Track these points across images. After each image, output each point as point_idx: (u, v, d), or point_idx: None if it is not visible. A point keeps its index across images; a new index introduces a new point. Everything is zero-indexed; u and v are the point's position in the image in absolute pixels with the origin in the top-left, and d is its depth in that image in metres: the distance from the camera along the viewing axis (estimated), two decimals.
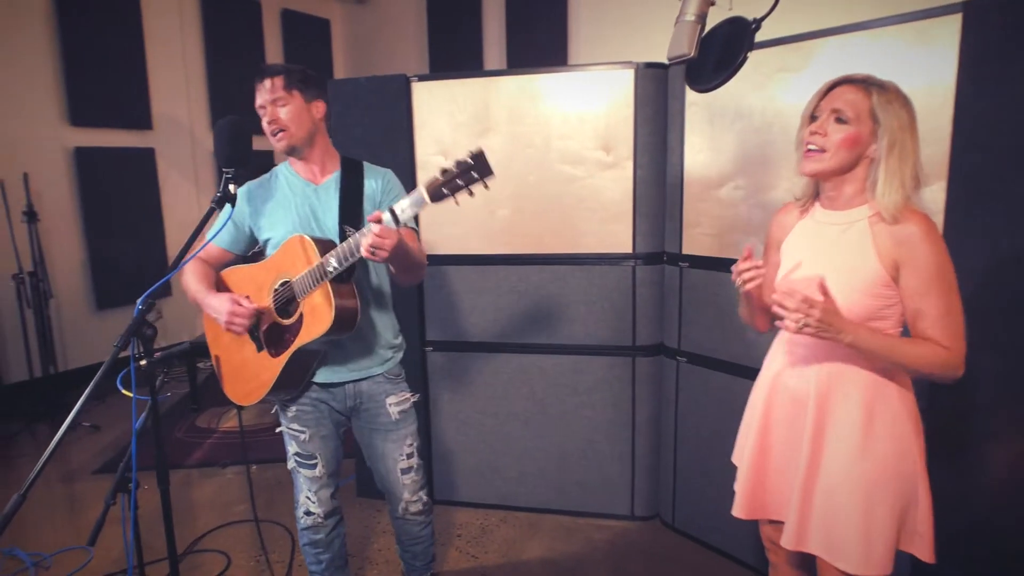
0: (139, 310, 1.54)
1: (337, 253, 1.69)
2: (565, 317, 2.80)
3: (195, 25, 5.31)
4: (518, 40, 5.27)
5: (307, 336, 1.78)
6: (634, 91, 2.61)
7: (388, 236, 1.61)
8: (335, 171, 1.95)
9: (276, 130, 1.83)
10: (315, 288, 1.75)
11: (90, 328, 4.79)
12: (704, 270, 2.57)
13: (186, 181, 5.32)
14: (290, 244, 1.81)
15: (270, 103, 1.82)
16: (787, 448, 1.58)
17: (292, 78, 1.83)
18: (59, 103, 4.55)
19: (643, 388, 2.80)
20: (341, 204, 1.90)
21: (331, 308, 1.72)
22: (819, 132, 1.43)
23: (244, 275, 1.93)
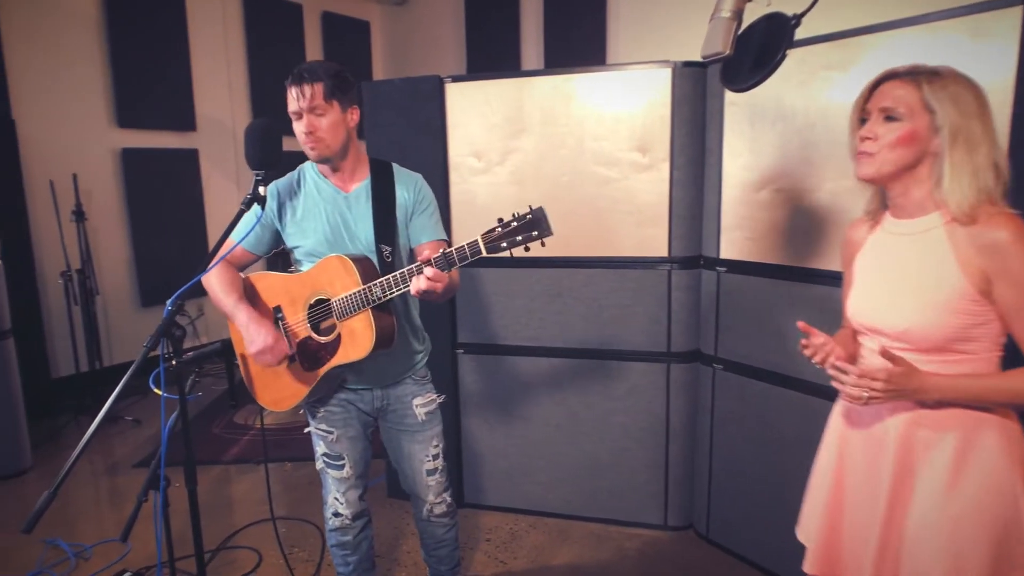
0: (168, 311, 1.55)
1: (383, 285, 1.69)
2: (598, 321, 2.75)
3: (238, 29, 5.41)
4: (556, 40, 5.22)
5: (343, 358, 1.79)
6: (671, 91, 2.54)
7: (440, 280, 1.61)
8: (365, 178, 1.92)
9: (312, 140, 1.79)
10: (356, 313, 1.75)
11: (134, 325, 4.92)
12: (743, 275, 2.49)
13: (228, 181, 5.42)
14: (330, 264, 1.79)
15: (307, 111, 1.77)
16: (864, 496, 1.40)
17: (332, 87, 1.76)
18: (107, 106, 4.68)
19: (678, 395, 2.73)
20: (376, 219, 1.87)
21: (372, 335, 1.73)
22: (869, 136, 1.29)
23: (277, 284, 1.91)
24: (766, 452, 2.49)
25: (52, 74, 4.38)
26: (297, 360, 1.86)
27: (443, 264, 1.61)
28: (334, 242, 1.87)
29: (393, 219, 1.91)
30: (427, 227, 1.97)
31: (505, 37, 5.48)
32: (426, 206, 1.97)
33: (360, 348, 1.76)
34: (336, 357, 1.80)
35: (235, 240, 1.84)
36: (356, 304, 1.74)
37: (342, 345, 1.79)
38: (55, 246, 4.29)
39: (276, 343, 1.78)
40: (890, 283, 1.34)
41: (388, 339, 1.79)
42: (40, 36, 4.31)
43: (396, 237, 1.91)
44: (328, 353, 1.81)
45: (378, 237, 1.86)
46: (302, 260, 1.92)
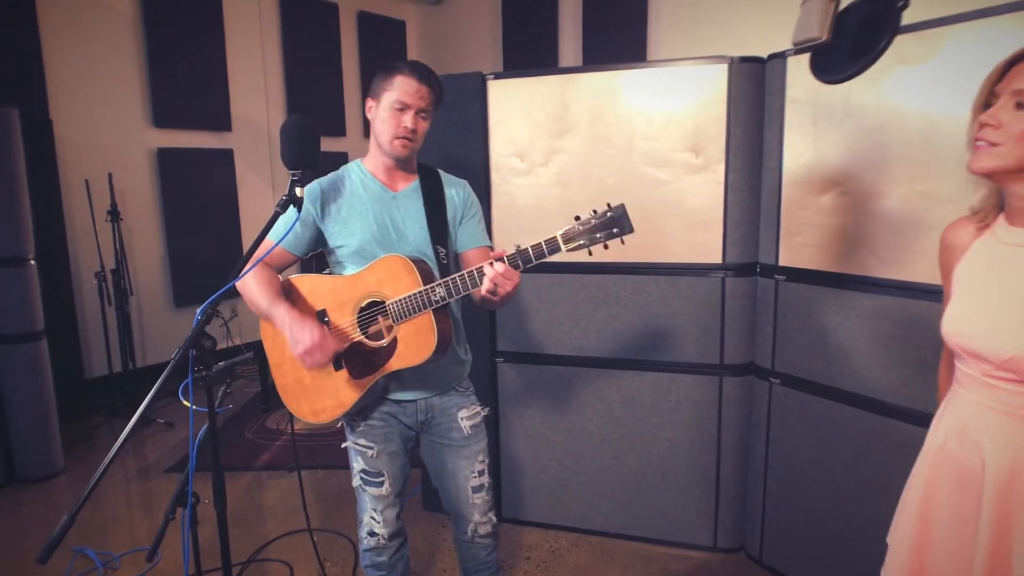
0: (198, 320, 1.46)
1: (448, 286, 1.61)
2: (646, 331, 2.61)
3: (274, 28, 5.37)
4: (595, 37, 5.08)
5: (402, 363, 1.69)
6: (727, 88, 2.39)
7: (513, 279, 1.54)
8: (413, 179, 1.86)
9: (408, 137, 1.73)
10: (416, 315, 1.65)
11: (168, 325, 4.90)
12: (804, 284, 2.33)
13: (263, 182, 5.39)
14: (387, 264, 1.70)
15: (415, 111, 1.72)
16: (952, 534, 1.24)
17: (439, 97, 1.77)
18: (143, 105, 4.67)
19: (731, 410, 2.57)
20: (429, 219, 1.80)
21: (434, 338, 1.64)
22: (991, 123, 1.10)
23: (322, 287, 1.81)
24: (826, 473, 2.33)
25: (89, 74, 4.38)
26: (345, 367, 1.76)
27: (517, 261, 1.54)
28: (382, 242, 1.78)
29: (445, 221, 1.84)
30: (475, 233, 1.90)
31: (543, 36, 5.36)
32: (475, 211, 1.92)
33: (421, 351, 1.67)
34: (393, 361, 1.70)
35: (273, 240, 1.75)
36: (417, 305, 1.64)
37: (399, 350, 1.69)
38: (90, 246, 4.28)
39: (324, 339, 1.66)
40: (998, 301, 1.16)
41: (447, 343, 1.70)
42: (78, 36, 4.31)
43: (449, 240, 1.83)
44: (382, 358, 1.72)
45: (433, 237, 1.79)
46: (345, 261, 1.82)
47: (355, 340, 1.74)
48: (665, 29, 4.74)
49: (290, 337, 1.67)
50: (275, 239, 1.75)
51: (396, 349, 1.70)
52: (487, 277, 1.54)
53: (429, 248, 1.80)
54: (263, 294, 1.74)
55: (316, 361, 1.67)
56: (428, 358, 1.67)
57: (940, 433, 1.29)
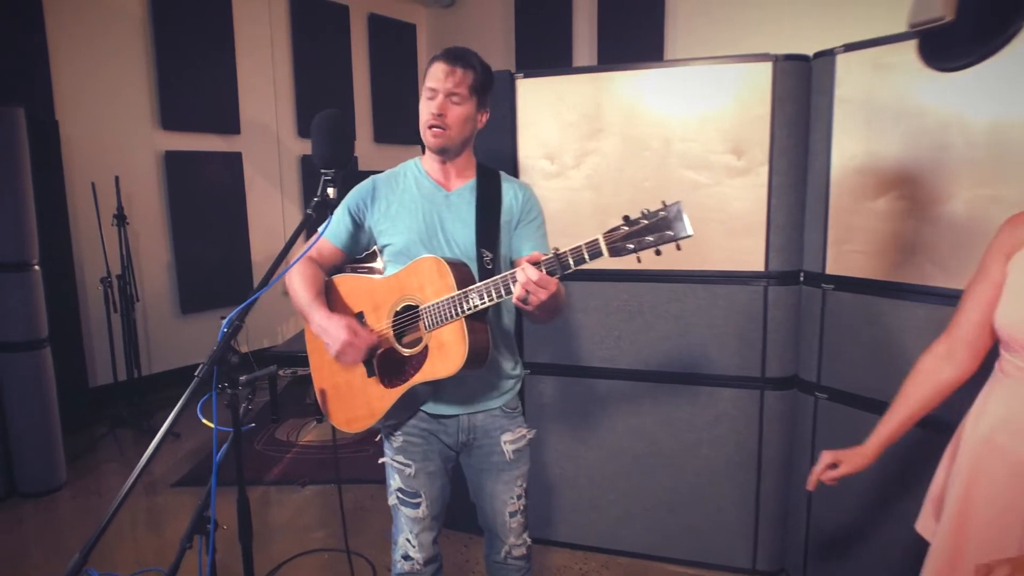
0: (225, 332, 1.33)
1: (481, 291, 1.47)
2: (683, 342, 2.48)
3: (284, 30, 5.27)
4: (610, 38, 4.98)
5: (430, 374, 1.56)
6: (771, 87, 2.28)
7: (547, 287, 1.38)
8: (471, 179, 1.73)
9: (437, 124, 1.60)
10: (447, 323, 1.53)
11: (174, 333, 4.77)
12: (855, 293, 2.20)
13: (271, 186, 5.27)
14: (422, 265, 1.58)
15: (445, 93, 1.58)
16: (995, 536, 1.21)
17: (481, 81, 1.61)
18: (151, 107, 4.56)
19: (772, 426, 2.44)
20: (478, 220, 1.67)
21: (464, 350, 1.51)
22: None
23: (360, 288, 1.71)
24: (876, 492, 2.20)
25: (96, 75, 4.27)
26: (377, 373, 1.64)
27: (555, 266, 1.38)
28: (428, 242, 1.66)
29: (496, 223, 1.70)
30: (533, 238, 1.75)
31: (556, 39, 5.26)
32: (535, 216, 1.77)
33: (449, 364, 1.53)
34: (421, 373, 1.58)
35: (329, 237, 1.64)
36: (448, 312, 1.52)
37: (429, 359, 1.57)
38: (95, 251, 4.15)
39: (356, 336, 1.56)
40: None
41: (482, 356, 1.56)
42: (85, 36, 4.20)
43: (498, 244, 1.69)
44: (412, 368, 1.59)
45: (479, 240, 1.65)
46: (390, 261, 1.71)
47: (389, 345, 1.62)
48: (682, 29, 4.65)
49: (324, 337, 1.59)
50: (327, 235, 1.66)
51: (426, 359, 1.58)
52: (518, 283, 1.39)
53: (474, 252, 1.67)
54: (306, 291, 1.65)
55: (351, 359, 1.58)
56: (456, 372, 1.53)
57: (984, 426, 1.26)
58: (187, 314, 4.82)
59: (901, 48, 2.03)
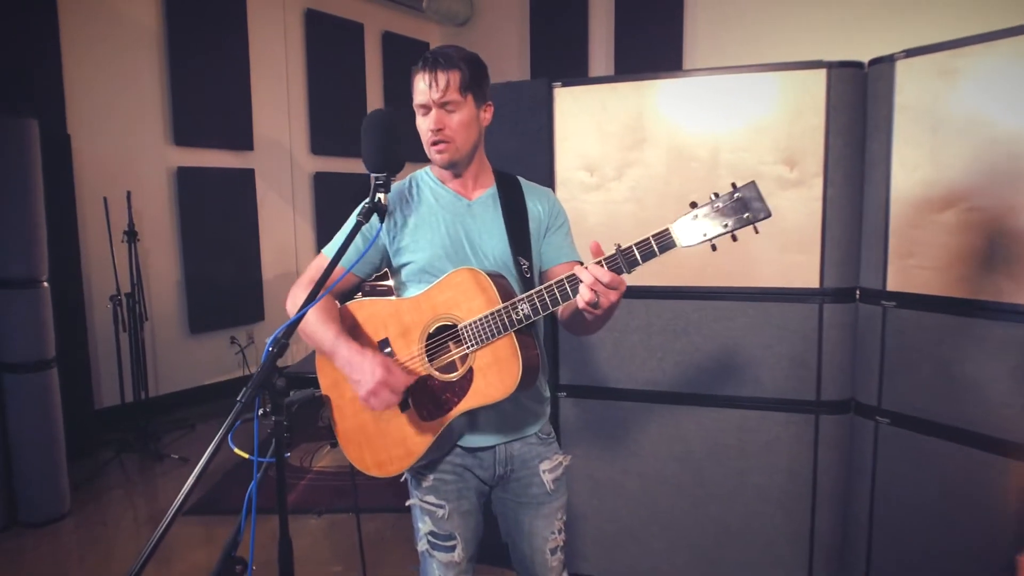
0: (269, 352, 1.20)
1: (532, 299, 1.34)
2: (732, 363, 2.35)
3: (298, 47, 5.21)
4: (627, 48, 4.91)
5: (480, 399, 1.41)
6: (826, 95, 2.17)
7: (618, 287, 1.25)
8: (490, 185, 1.61)
9: (439, 140, 1.47)
10: (494, 340, 1.39)
11: (183, 353, 4.63)
12: (920, 311, 2.07)
13: (284, 203, 5.17)
14: (457, 279, 1.44)
15: (437, 105, 1.45)
16: None
17: (470, 77, 1.46)
18: (164, 123, 4.47)
19: (829, 452, 2.29)
20: (509, 229, 1.54)
21: (518, 367, 1.37)
22: None
23: (382, 312, 1.54)
24: (949, 526, 2.04)
25: (109, 89, 4.18)
26: (412, 407, 1.49)
27: (619, 263, 1.26)
28: (454, 256, 1.52)
29: (527, 231, 1.58)
30: (563, 246, 1.64)
31: (571, 54, 5.20)
32: (562, 222, 1.66)
33: (503, 384, 1.39)
34: (468, 398, 1.43)
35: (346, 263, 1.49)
36: (495, 327, 1.38)
37: (475, 382, 1.42)
38: (105, 268, 4.03)
39: (389, 375, 1.38)
40: None
41: (534, 374, 1.43)
42: (99, 50, 4.12)
43: (530, 250, 1.56)
44: (454, 395, 1.44)
45: (514, 248, 1.52)
46: (410, 281, 1.56)
47: (423, 374, 1.48)
48: (702, 37, 4.59)
49: (352, 376, 1.41)
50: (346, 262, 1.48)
51: (472, 383, 1.43)
52: (584, 284, 1.26)
53: (510, 260, 1.54)
54: (326, 327, 1.46)
55: (384, 402, 1.39)
56: (512, 392, 1.39)
57: None
58: (196, 334, 4.69)
59: (969, 52, 1.93)
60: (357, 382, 1.40)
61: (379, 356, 1.42)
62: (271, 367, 1.18)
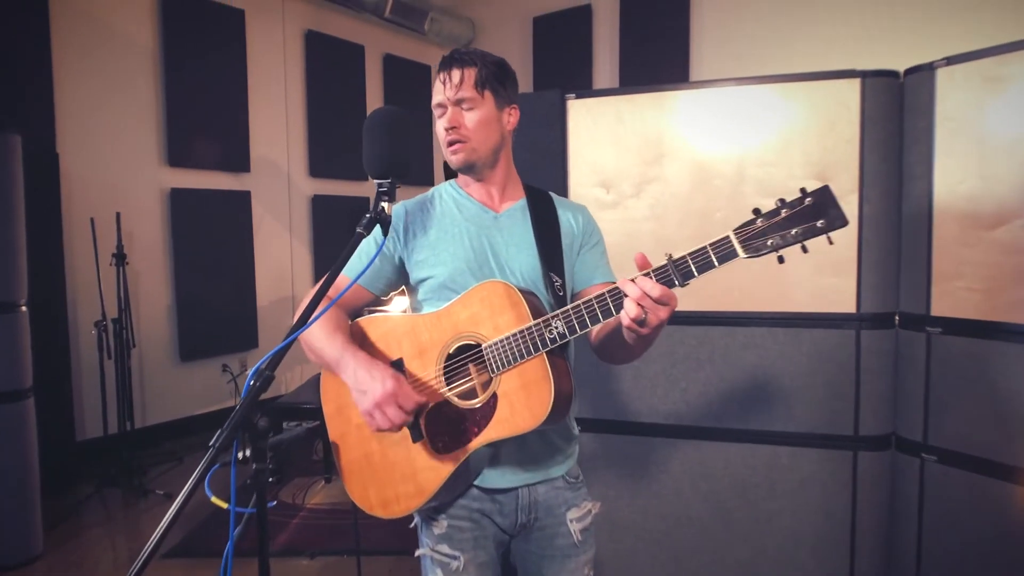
0: (251, 386, 1.01)
1: (569, 316, 1.19)
2: (761, 395, 2.17)
3: (298, 68, 5.11)
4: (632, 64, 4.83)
5: (504, 429, 1.24)
6: (860, 106, 2.03)
7: (669, 302, 1.11)
8: (519, 198, 1.47)
9: (455, 139, 1.36)
10: (523, 361, 1.23)
11: (172, 381, 4.43)
12: (970, 337, 1.90)
13: (280, 227, 5.01)
14: (483, 294, 1.29)
15: (453, 103, 1.35)
16: None
17: (488, 74, 1.36)
18: (157, 142, 4.33)
19: (869, 492, 2.10)
20: (540, 242, 1.39)
21: (549, 391, 1.20)
22: None
23: (397, 329, 1.38)
24: (1001, 573, 1.85)
25: (102, 106, 4.05)
26: (425, 436, 1.31)
27: (672, 276, 1.12)
28: (479, 271, 1.37)
29: (559, 246, 1.42)
30: (599, 266, 1.49)
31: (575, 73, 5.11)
32: (597, 240, 1.52)
33: (532, 412, 1.22)
34: (491, 428, 1.25)
35: (349, 275, 1.33)
36: (525, 347, 1.22)
37: (500, 409, 1.25)
38: (91, 292, 3.85)
39: (399, 388, 1.22)
40: None
41: (566, 402, 1.25)
42: (92, 65, 4.00)
43: (561, 267, 1.40)
44: (475, 424, 1.27)
45: (545, 264, 1.37)
46: (429, 299, 1.41)
47: (440, 399, 1.30)
48: (708, 49, 4.49)
49: (357, 387, 1.25)
50: (352, 272, 1.34)
51: (496, 410, 1.26)
52: (630, 299, 1.11)
53: (540, 278, 1.39)
54: (331, 340, 1.31)
55: (389, 418, 1.22)
56: (542, 421, 1.22)
57: None
58: (186, 361, 4.49)
59: (1015, 59, 1.79)
60: (363, 394, 1.23)
61: (391, 369, 1.26)
62: (251, 404, 1.00)
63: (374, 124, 1.26)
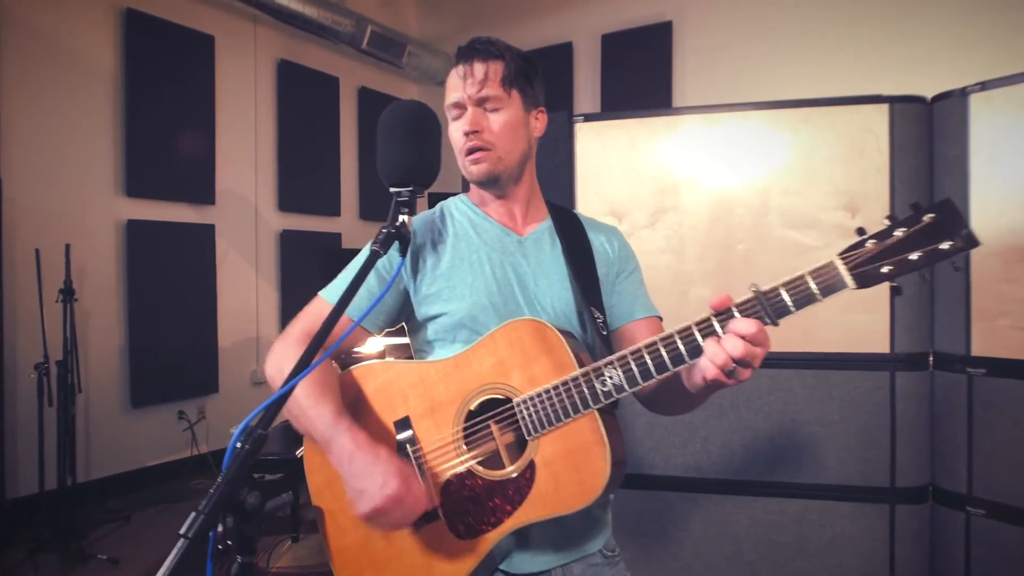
0: (236, 448, 0.77)
1: (629, 364, 0.98)
2: (789, 444, 1.99)
3: (269, 98, 4.90)
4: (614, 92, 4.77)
5: (546, 508, 1.01)
6: (889, 133, 1.92)
7: (764, 343, 0.92)
8: (544, 218, 1.25)
9: (477, 146, 1.13)
10: (567, 421, 1.01)
11: (121, 430, 4.03)
12: (1018, 380, 1.76)
13: (246, 263, 4.72)
14: (513, 334, 1.06)
15: (475, 102, 1.13)
16: None
17: (516, 70, 1.15)
18: (114, 170, 4.03)
19: (909, 549, 1.93)
20: (574, 271, 1.17)
21: (605, 460, 0.98)
22: None
23: (401, 380, 1.13)
24: None
25: (55, 131, 3.75)
26: (442, 518, 1.06)
27: (763, 313, 0.93)
28: (503, 307, 1.14)
29: (595, 275, 1.21)
30: (639, 297, 1.26)
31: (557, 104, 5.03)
32: (634, 267, 1.29)
33: (580, 486, 1.00)
34: (527, 507, 1.02)
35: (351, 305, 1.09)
36: (570, 404, 1.01)
37: (539, 483, 1.02)
38: (33, 331, 3.48)
39: (407, 492, 0.98)
40: None
41: (621, 468, 1.04)
42: (42, 86, 3.71)
43: (599, 299, 1.19)
44: (508, 500, 1.03)
45: (584, 297, 1.15)
46: (440, 340, 1.17)
47: (460, 470, 1.07)
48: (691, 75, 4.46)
49: (349, 483, 1.00)
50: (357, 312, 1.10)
51: (534, 483, 1.03)
52: (724, 343, 0.91)
53: (575, 314, 1.18)
54: (319, 408, 1.05)
55: (393, 524, 1.00)
56: (596, 497, 1.00)
57: None
58: (138, 408, 4.11)
59: None
60: (359, 492, 0.98)
61: (395, 461, 1.00)
62: (238, 476, 0.76)
63: (393, 120, 1.05)
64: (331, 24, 4.71)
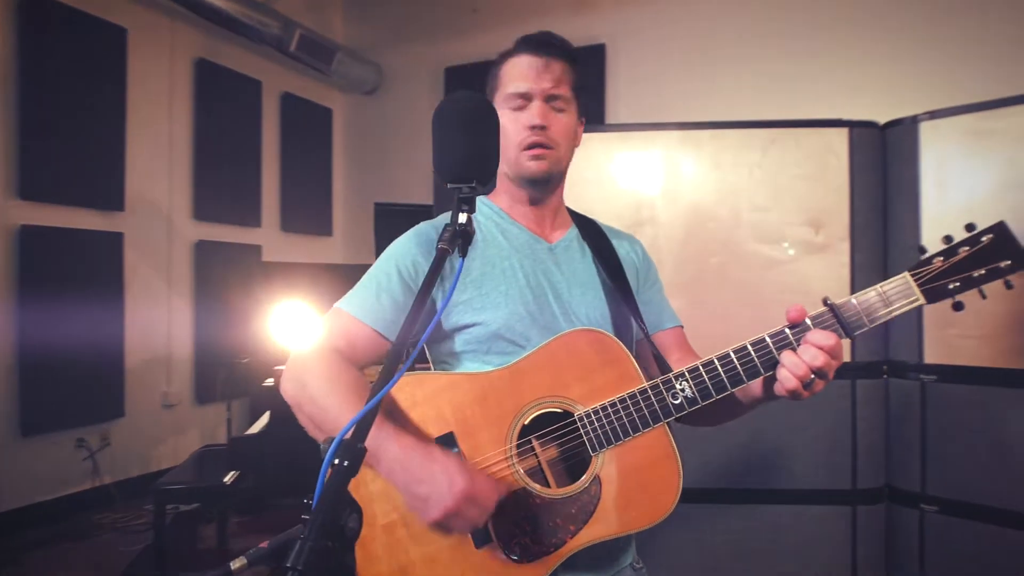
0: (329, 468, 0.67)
1: (701, 377, 0.99)
2: (757, 450, 2.06)
3: (185, 100, 4.59)
4: None
5: (612, 526, 0.98)
6: (848, 155, 2.05)
7: (839, 356, 0.95)
8: (570, 226, 1.23)
9: (540, 142, 1.09)
10: (635, 436, 0.99)
11: (10, 461, 3.58)
12: (967, 385, 1.91)
13: (157, 276, 4.36)
14: (572, 345, 1.03)
15: (543, 96, 1.10)
16: None
17: (578, 77, 1.14)
18: (7, 171, 3.62)
19: (869, 547, 2.03)
20: (606, 280, 1.16)
21: (677, 473, 0.98)
22: None
23: (442, 395, 1.05)
24: None
25: None
26: (495, 539, 1.00)
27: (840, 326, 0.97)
28: (539, 317, 1.10)
29: (627, 283, 1.19)
30: (664, 308, 1.27)
31: None
32: (656, 278, 1.30)
33: (652, 503, 0.98)
34: (595, 525, 0.98)
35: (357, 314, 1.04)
36: (640, 417, 0.99)
37: (605, 500, 0.99)
38: None
39: (475, 483, 0.91)
40: None
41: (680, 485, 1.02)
42: None
43: (639, 310, 1.17)
44: (570, 519, 0.99)
45: (625, 306, 1.15)
46: (469, 352, 1.11)
47: (515, 487, 1.01)
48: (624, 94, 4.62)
49: (408, 490, 0.92)
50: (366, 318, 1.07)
51: (600, 501, 0.99)
52: (803, 355, 0.93)
53: (609, 324, 1.16)
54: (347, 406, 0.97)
55: (468, 524, 0.92)
56: (667, 515, 0.99)
57: None
58: (30, 436, 3.67)
59: (1003, 114, 1.88)
60: (424, 498, 0.90)
61: (453, 457, 0.94)
62: (338, 497, 0.67)
63: (449, 115, 0.98)
64: (256, 24, 4.49)
